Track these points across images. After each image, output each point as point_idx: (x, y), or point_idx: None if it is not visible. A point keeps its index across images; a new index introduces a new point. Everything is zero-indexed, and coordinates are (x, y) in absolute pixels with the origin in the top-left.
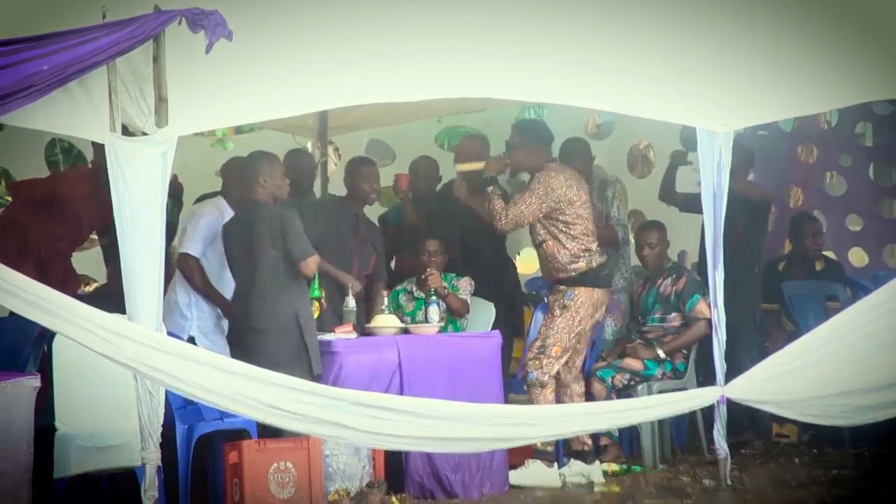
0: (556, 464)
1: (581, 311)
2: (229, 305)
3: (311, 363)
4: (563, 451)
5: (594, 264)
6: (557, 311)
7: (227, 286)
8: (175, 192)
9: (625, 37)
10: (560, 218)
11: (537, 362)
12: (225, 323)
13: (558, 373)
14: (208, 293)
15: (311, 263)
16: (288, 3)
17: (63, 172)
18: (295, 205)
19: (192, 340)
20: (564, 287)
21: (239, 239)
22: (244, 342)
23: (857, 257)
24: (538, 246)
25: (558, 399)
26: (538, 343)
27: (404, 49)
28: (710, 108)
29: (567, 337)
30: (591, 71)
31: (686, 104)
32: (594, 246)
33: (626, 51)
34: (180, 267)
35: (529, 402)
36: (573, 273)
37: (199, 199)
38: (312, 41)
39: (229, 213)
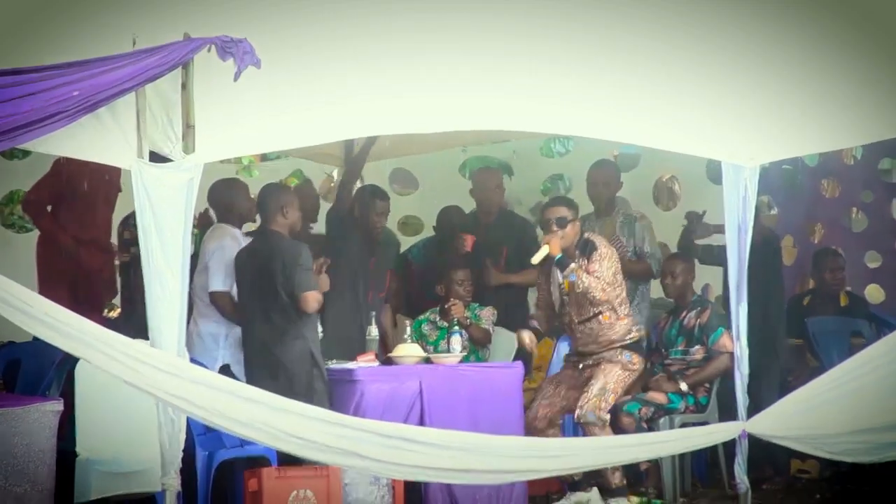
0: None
1: (634, 375)
2: None
3: (331, 395)
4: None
5: (644, 333)
6: (618, 364)
7: None
8: (205, 226)
9: (652, 70)
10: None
11: (598, 403)
12: None
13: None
14: None
15: (310, 299)
16: (316, 34)
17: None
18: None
19: (225, 368)
20: (620, 349)
21: (252, 268)
22: (259, 372)
23: (874, 294)
24: (590, 318)
25: None
26: (598, 385)
27: (430, 79)
28: (736, 141)
29: (621, 389)
30: (617, 103)
31: (712, 137)
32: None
33: (653, 84)
34: (215, 304)
35: None
36: (627, 341)
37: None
38: (339, 71)
39: (244, 240)
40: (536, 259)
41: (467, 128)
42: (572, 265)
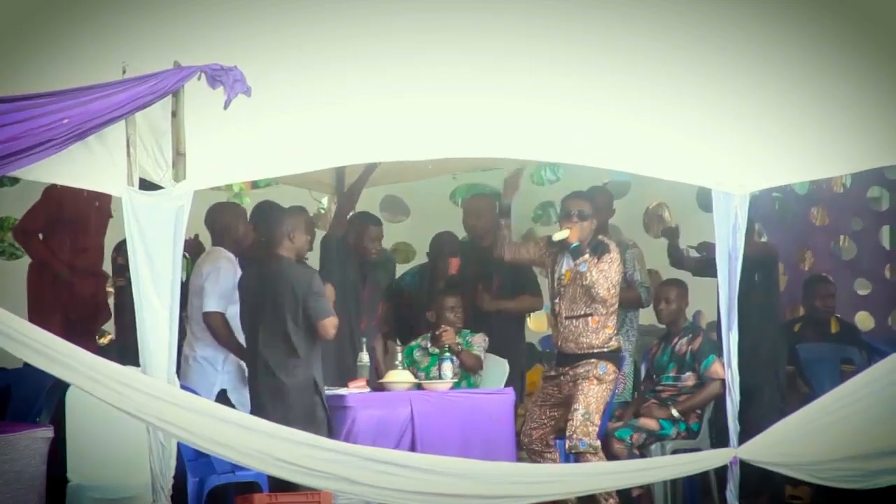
0: None
1: (611, 385)
2: None
3: (330, 422)
4: None
5: (620, 344)
6: (594, 380)
7: None
8: (195, 252)
9: (642, 97)
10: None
11: (585, 430)
12: None
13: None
14: (234, 347)
15: (329, 325)
16: (305, 61)
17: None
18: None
19: (223, 394)
20: (595, 360)
21: (257, 294)
22: (263, 399)
23: (864, 321)
24: (579, 317)
25: None
26: (581, 411)
27: (419, 107)
28: (726, 169)
29: (602, 406)
30: (607, 131)
31: (702, 165)
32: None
33: (643, 111)
34: (208, 325)
35: None
36: (605, 349)
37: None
38: (329, 98)
39: (237, 265)
40: (557, 237)
41: (455, 155)
42: (585, 256)
